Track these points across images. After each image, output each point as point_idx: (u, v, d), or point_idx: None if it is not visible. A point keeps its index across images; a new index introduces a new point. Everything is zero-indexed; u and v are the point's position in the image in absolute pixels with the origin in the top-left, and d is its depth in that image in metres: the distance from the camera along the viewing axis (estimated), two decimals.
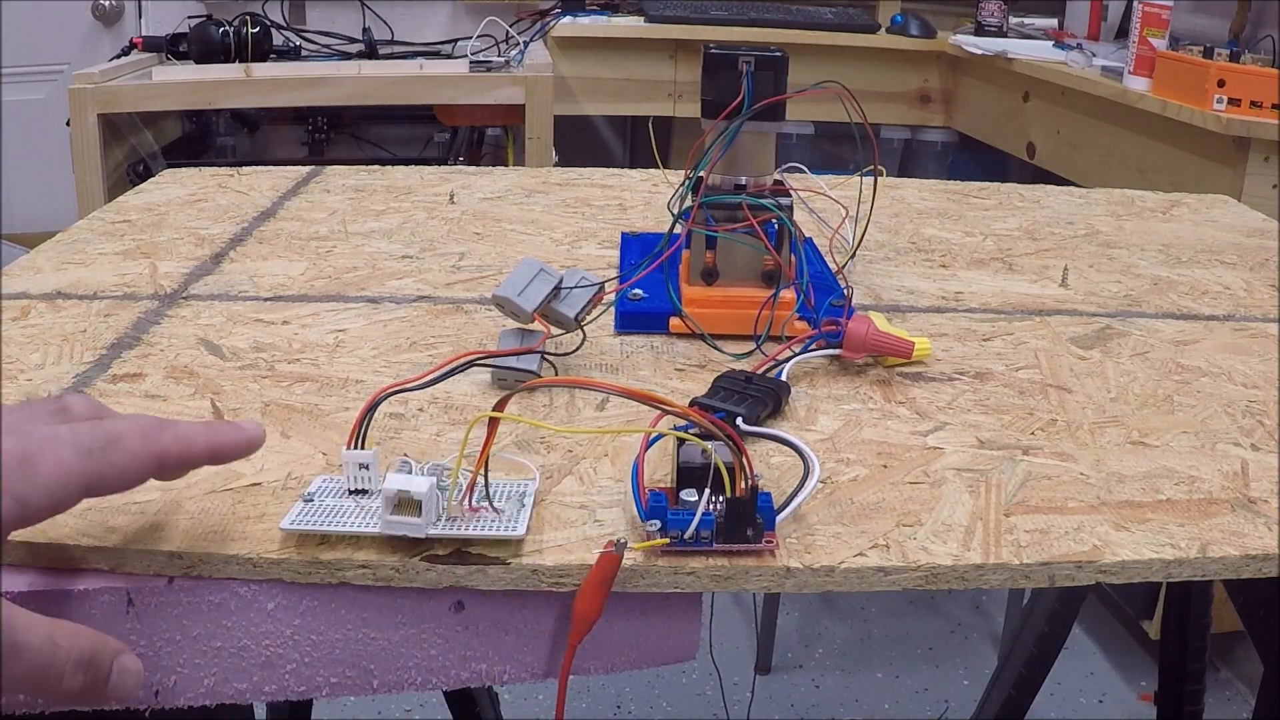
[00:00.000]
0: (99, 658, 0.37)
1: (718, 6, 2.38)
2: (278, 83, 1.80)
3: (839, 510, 0.47)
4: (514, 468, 0.49)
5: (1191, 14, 2.13)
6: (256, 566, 0.42)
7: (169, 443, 0.40)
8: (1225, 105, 1.59)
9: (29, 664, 0.35)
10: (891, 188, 1.04)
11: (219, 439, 0.41)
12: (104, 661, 0.37)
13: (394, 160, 2.16)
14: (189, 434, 0.40)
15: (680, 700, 1.71)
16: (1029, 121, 2.18)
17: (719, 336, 0.64)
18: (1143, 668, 1.80)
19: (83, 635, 0.37)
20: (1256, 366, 0.65)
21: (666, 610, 0.44)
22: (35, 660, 0.35)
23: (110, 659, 0.37)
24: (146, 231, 0.83)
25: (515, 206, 0.92)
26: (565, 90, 2.27)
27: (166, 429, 0.40)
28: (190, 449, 0.40)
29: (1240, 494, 0.50)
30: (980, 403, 0.59)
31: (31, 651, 0.35)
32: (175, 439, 0.40)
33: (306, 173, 1.01)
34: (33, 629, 0.35)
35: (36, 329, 0.64)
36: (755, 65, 0.61)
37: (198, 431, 0.41)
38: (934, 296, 0.74)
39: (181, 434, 0.40)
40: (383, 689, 0.44)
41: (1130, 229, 0.93)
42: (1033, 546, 0.45)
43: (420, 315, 0.68)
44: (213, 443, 0.41)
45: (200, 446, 0.41)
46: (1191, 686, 1.07)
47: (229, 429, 0.42)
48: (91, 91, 1.70)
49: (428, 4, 2.19)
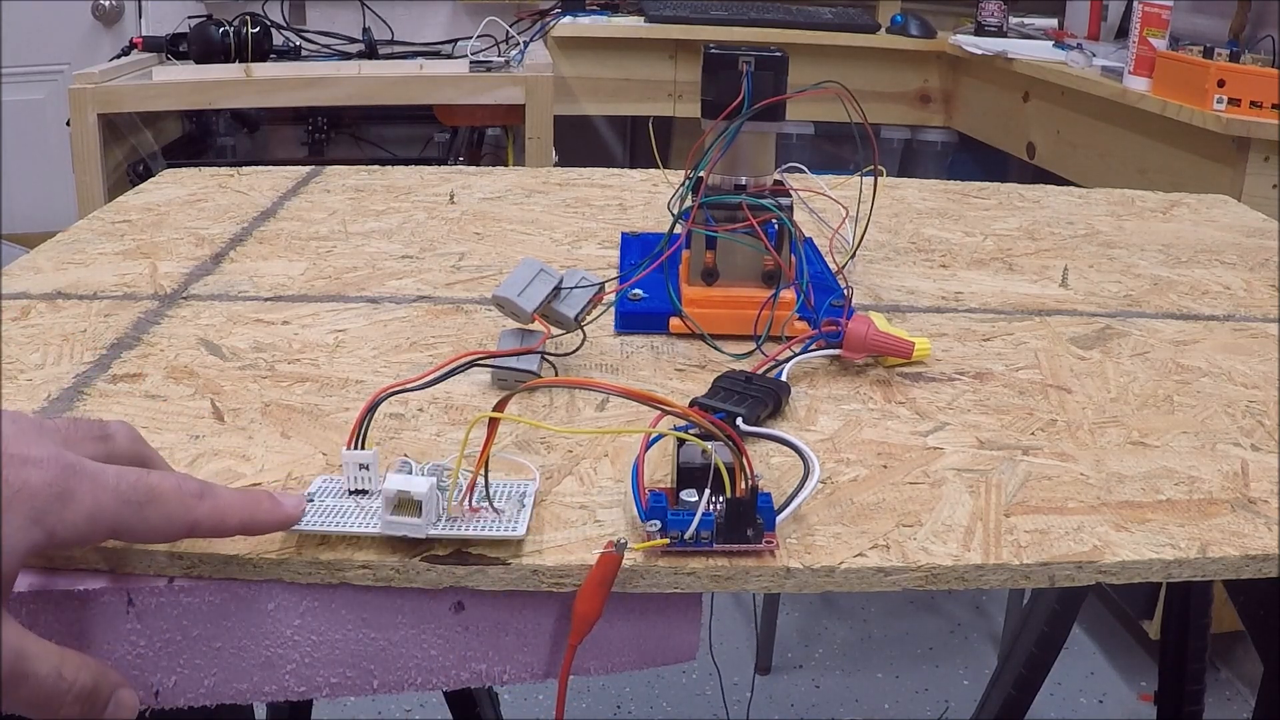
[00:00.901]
0: (99, 692, 0.38)
1: (718, 6, 2.38)
2: (278, 83, 1.80)
3: (839, 510, 0.47)
4: (514, 468, 0.49)
5: (1191, 14, 2.13)
6: (256, 567, 0.42)
7: (203, 515, 0.40)
8: (1225, 105, 1.59)
9: (33, 692, 0.36)
10: (891, 188, 1.04)
11: (255, 519, 0.41)
12: (103, 696, 0.38)
13: (394, 160, 2.16)
14: (225, 510, 0.40)
15: (680, 700, 1.71)
16: (1029, 121, 2.18)
17: (719, 336, 0.64)
18: (1143, 668, 1.80)
19: (87, 669, 0.38)
20: (1256, 366, 0.65)
21: (666, 610, 0.44)
22: (39, 689, 0.36)
23: (109, 693, 0.38)
24: (146, 231, 0.83)
25: (515, 206, 0.92)
26: (565, 90, 2.27)
27: (206, 499, 0.40)
28: (223, 524, 0.40)
29: (1240, 494, 0.50)
30: (980, 403, 0.59)
31: (38, 680, 0.36)
32: (211, 513, 0.40)
33: (306, 173, 1.01)
34: (42, 658, 0.36)
35: (36, 329, 0.64)
36: (755, 65, 0.61)
37: (235, 508, 0.41)
38: (934, 296, 0.74)
39: (219, 509, 0.40)
40: (383, 689, 0.44)
41: (1130, 229, 0.93)
42: (1033, 547, 0.45)
43: (420, 315, 0.68)
44: (247, 522, 0.41)
45: (233, 524, 0.41)
46: (1191, 686, 1.07)
47: (268, 506, 0.42)
48: (91, 91, 1.70)
49: (428, 4, 2.19)
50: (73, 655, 0.37)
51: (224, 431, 0.52)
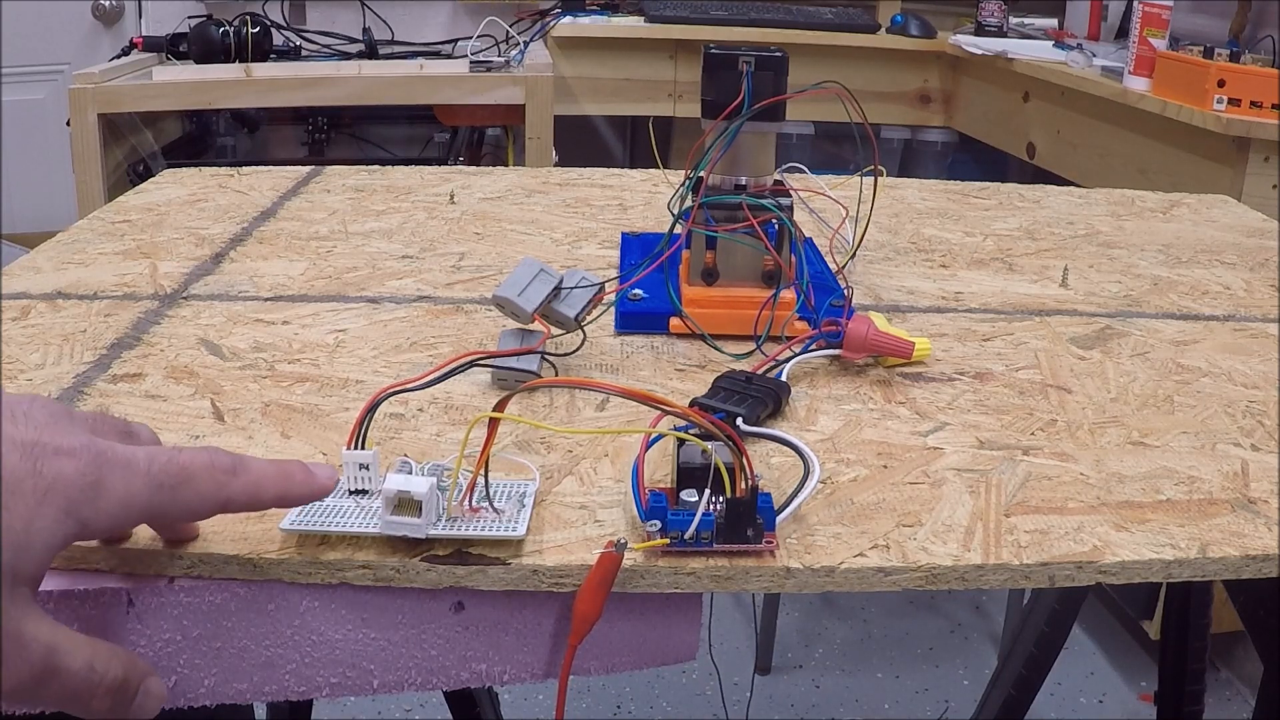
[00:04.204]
0: (129, 683, 0.38)
1: (718, 6, 2.38)
2: (278, 83, 1.80)
3: (839, 510, 0.47)
4: (514, 468, 0.49)
5: (1191, 14, 2.13)
6: (256, 567, 0.42)
7: (237, 490, 0.39)
8: (1225, 105, 1.59)
9: (64, 686, 0.36)
10: (891, 188, 1.04)
11: (290, 489, 0.41)
12: (132, 686, 0.38)
13: (394, 160, 2.16)
14: (259, 481, 0.40)
15: (680, 700, 1.71)
16: (1029, 121, 2.18)
17: (719, 336, 0.64)
18: (1143, 668, 1.80)
19: (117, 660, 0.37)
20: (1256, 366, 0.65)
21: (666, 610, 0.44)
22: (71, 684, 0.36)
23: (138, 683, 0.38)
24: (146, 231, 0.83)
25: (515, 206, 0.92)
26: (565, 90, 2.27)
27: (239, 474, 0.40)
28: (258, 497, 0.40)
29: (1240, 494, 0.50)
30: (980, 403, 0.59)
31: (70, 675, 0.36)
32: (245, 488, 0.40)
33: (306, 173, 1.01)
34: (75, 653, 0.36)
35: (36, 329, 0.64)
36: (755, 65, 0.61)
37: (269, 479, 0.40)
38: (934, 296, 0.74)
39: (252, 482, 0.40)
40: (383, 689, 0.44)
41: (1130, 229, 0.93)
42: (1033, 547, 0.45)
43: (420, 315, 0.68)
44: (282, 493, 0.41)
45: (269, 496, 0.40)
46: (1191, 686, 1.07)
47: (301, 478, 0.41)
48: (91, 91, 1.70)
49: (428, 4, 2.19)
50: (103, 647, 0.37)
51: (224, 431, 0.52)
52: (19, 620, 0.34)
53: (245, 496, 0.40)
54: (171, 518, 0.39)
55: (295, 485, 0.41)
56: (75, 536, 0.36)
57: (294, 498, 0.41)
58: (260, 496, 0.40)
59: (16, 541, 0.34)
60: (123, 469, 0.37)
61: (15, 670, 0.34)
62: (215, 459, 0.39)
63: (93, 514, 0.36)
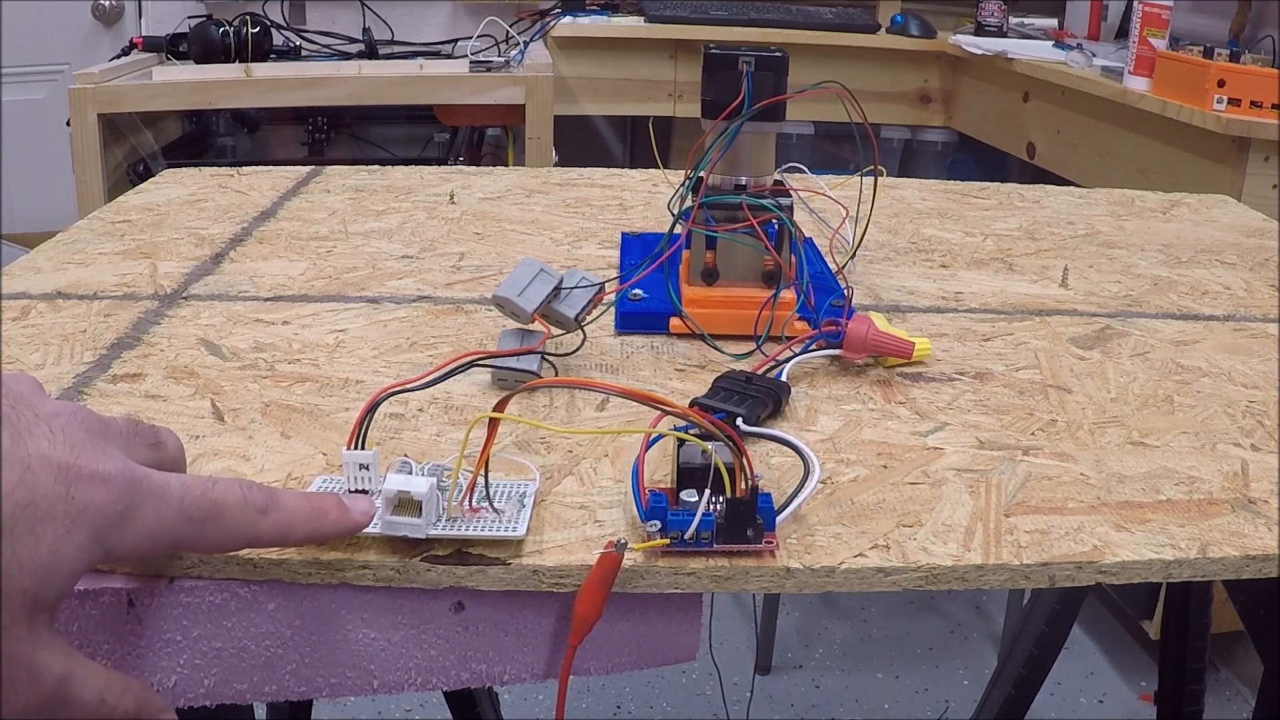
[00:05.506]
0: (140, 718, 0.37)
1: (718, 6, 2.38)
2: (278, 83, 1.80)
3: (839, 511, 0.47)
4: (514, 468, 0.49)
5: (1191, 14, 2.13)
6: (256, 567, 0.42)
7: (266, 529, 0.39)
8: (1225, 105, 1.59)
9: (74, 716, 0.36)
10: (891, 188, 1.04)
11: (320, 528, 0.40)
12: None
13: (394, 160, 2.16)
14: (290, 523, 0.39)
15: (680, 700, 1.71)
16: (1029, 121, 2.18)
17: (719, 336, 0.64)
18: (1143, 668, 1.80)
19: (130, 694, 0.37)
20: (1256, 366, 0.65)
21: (666, 610, 0.44)
22: (81, 714, 0.36)
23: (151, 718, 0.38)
24: (146, 231, 0.83)
25: (515, 206, 0.92)
26: (565, 90, 2.27)
27: (270, 513, 0.39)
28: (288, 537, 0.40)
29: (1240, 494, 0.50)
30: (980, 403, 0.59)
31: (80, 705, 0.36)
32: (275, 526, 0.39)
33: (306, 173, 1.01)
34: (88, 683, 0.36)
35: (36, 329, 0.64)
36: (755, 65, 0.61)
37: (300, 520, 0.40)
38: (934, 296, 0.74)
39: (283, 522, 0.39)
40: (383, 689, 0.44)
41: (1130, 229, 0.93)
42: (1033, 547, 0.45)
43: (420, 315, 0.68)
44: (313, 532, 0.40)
45: (298, 535, 0.40)
46: (1191, 686, 1.07)
47: (335, 516, 0.41)
48: (91, 91, 1.70)
49: (428, 4, 2.19)
50: (117, 678, 0.37)
51: (224, 431, 0.52)
52: (33, 646, 0.34)
53: (274, 535, 0.39)
54: (196, 550, 0.39)
55: (327, 525, 0.40)
56: (98, 562, 0.36)
57: (325, 536, 0.41)
58: (290, 536, 0.40)
59: (43, 568, 0.33)
60: (155, 499, 0.36)
61: (25, 697, 0.34)
62: (249, 496, 0.38)
63: (118, 543, 0.35)
